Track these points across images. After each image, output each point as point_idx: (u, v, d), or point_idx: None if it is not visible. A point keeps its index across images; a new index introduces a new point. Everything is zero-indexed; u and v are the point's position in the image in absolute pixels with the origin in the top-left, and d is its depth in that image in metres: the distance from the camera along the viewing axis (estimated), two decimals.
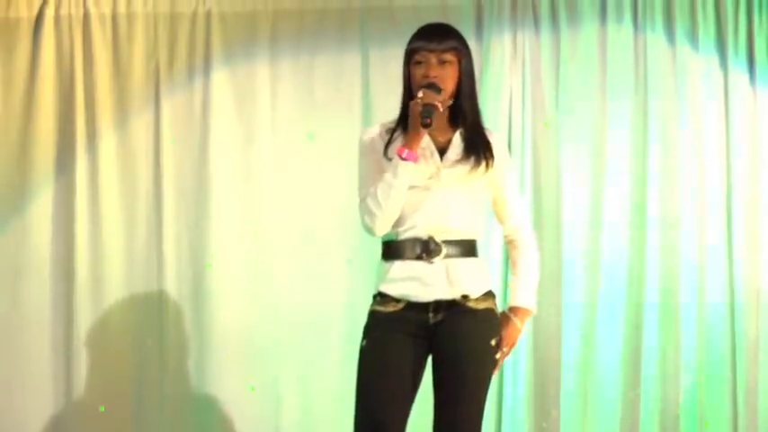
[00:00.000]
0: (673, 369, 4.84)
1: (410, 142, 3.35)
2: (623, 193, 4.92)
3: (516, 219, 3.62)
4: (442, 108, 3.37)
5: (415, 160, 3.35)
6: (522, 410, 4.91)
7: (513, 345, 3.53)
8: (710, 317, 4.86)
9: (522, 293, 3.58)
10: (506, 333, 3.50)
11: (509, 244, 3.65)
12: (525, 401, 4.92)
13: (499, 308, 3.54)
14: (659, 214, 4.89)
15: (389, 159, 3.40)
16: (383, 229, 3.42)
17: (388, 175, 3.36)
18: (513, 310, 3.56)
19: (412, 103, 3.35)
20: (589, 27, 4.96)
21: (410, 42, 3.48)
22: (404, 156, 3.34)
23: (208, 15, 5.09)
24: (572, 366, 4.89)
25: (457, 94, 3.46)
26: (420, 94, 3.34)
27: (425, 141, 3.41)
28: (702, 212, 4.89)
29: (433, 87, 3.37)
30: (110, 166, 5.08)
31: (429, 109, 3.31)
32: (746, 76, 4.91)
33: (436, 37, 3.44)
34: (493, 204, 3.61)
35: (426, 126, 3.31)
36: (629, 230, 4.91)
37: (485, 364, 3.43)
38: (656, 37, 4.94)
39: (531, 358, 4.92)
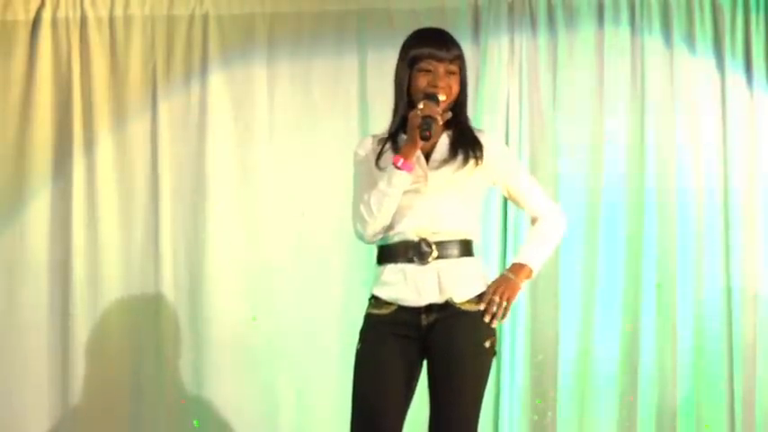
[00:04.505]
0: (670, 369, 4.84)
1: (406, 152, 3.34)
2: (620, 193, 4.92)
3: (539, 207, 3.58)
4: (442, 121, 3.35)
5: (410, 170, 3.35)
6: (518, 410, 4.91)
7: (504, 293, 3.42)
8: (707, 318, 4.87)
9: (523, 252, 3.53)
10: (497, 282, 3.43)
11: (532, 222, 3.61)
12: (522, 401, 4.92)
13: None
14: (656, 215, 4.89)
15: (381, 170, 3.39)
16: (374, 235, 3.43)
17: (381, 184, 3.36)
18: (511, 266, 3.51)
19: (411, 114, 3.33)
20: (586, 30, 4.97)
21: (413, 46, 3.45)
22: (399, 165, 3.33)
23: (205, 18, 5.09)
24: (569, 366, 4.89)
25: (453, 103, 3.44)
26: (420, 106, 3.33)
27: None
28: (699, 214, 4.89)
29: (433, 98, 3.36)
30: (107, 168, 5.08)
31: (429, 121, 3.29)
32: (743, 79, 4.91)
33: (444, 45, 3.43)
34: (509, 197, 3.61)
35: (426, 139, 3.30)
36: (627, 232, 4.91)
37: (480, 365, 3.41)
38: (653, 39, 4.94)
39: (528, 358, 4.92)
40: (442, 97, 3.38)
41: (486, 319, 3.40)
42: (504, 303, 3.42)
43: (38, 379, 5.05)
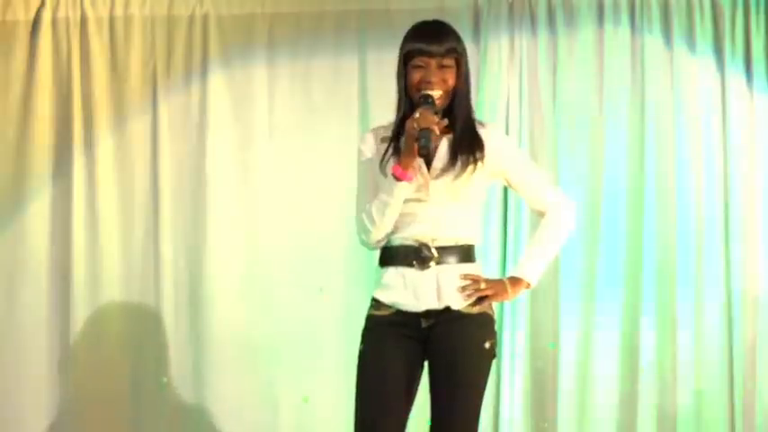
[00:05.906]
0: (670, 370, 4.84)
1: (405, 163, 3.32)
2: (620, 194, 4.92)
3: (542, 201, 3.54)
4: (439, 129, 3.28)
5: (410, 179, 3.33)
6: (519, 412, 4.91)
7: (489, 289, 3.41)
8: (708, 320, 4.86)
9: (522, 264, 3.53)
10: (492, 281, 3.45)
11: (538, 215, 3.58)
12: (523, 403, 4.92)
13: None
14: (656, 216, 4.89)
15: (386, 175, 3.37)
16: (377, 243, 3.44)
17: (382, 194, 3.35)
18: (509, 277, 3.51)
19: (408, 122, 3.29)
20: (586, 29, 4.97)
21: (407, 42, 3.42)
22: (398, 175, 3.31)
23: (205, 18, 5.09)
24: (570, 367, 4.89)
25: (452, 96, 3.40)
26: (416, 114, 3.28)
27: None
28: (699, 214, 4.89)
29: (428, 100, 3.32)
30: (107, 168, 5.08)
31: (426, 134, 3.24)
32: (743, 79, 4.91)
33: (436, 40, 3.38)
34: (510, 188, 3.60)
35: (424, 156, 3.29)
36: (627, 231, 4.91)
37: (480, 366, 3.40)
38: (653, 39, 4.94)
39: (528, 359, 4.92)
40: (436, 93, 3.35)
41: (461, 282, 3.39)
42: (486, 295, 3.41)
43: (37, 379, 5.05)
